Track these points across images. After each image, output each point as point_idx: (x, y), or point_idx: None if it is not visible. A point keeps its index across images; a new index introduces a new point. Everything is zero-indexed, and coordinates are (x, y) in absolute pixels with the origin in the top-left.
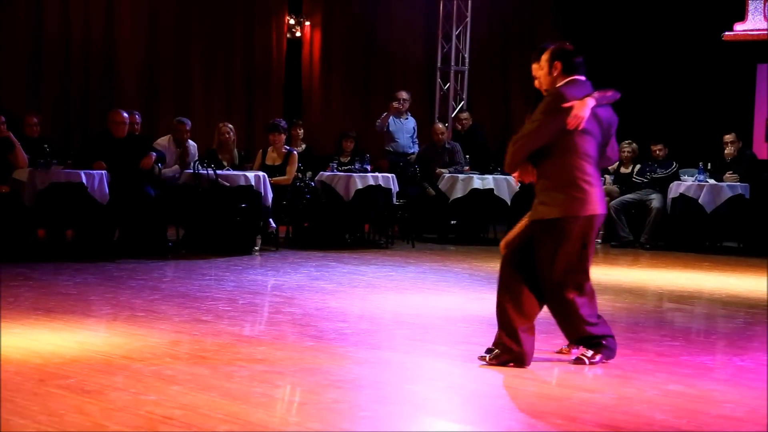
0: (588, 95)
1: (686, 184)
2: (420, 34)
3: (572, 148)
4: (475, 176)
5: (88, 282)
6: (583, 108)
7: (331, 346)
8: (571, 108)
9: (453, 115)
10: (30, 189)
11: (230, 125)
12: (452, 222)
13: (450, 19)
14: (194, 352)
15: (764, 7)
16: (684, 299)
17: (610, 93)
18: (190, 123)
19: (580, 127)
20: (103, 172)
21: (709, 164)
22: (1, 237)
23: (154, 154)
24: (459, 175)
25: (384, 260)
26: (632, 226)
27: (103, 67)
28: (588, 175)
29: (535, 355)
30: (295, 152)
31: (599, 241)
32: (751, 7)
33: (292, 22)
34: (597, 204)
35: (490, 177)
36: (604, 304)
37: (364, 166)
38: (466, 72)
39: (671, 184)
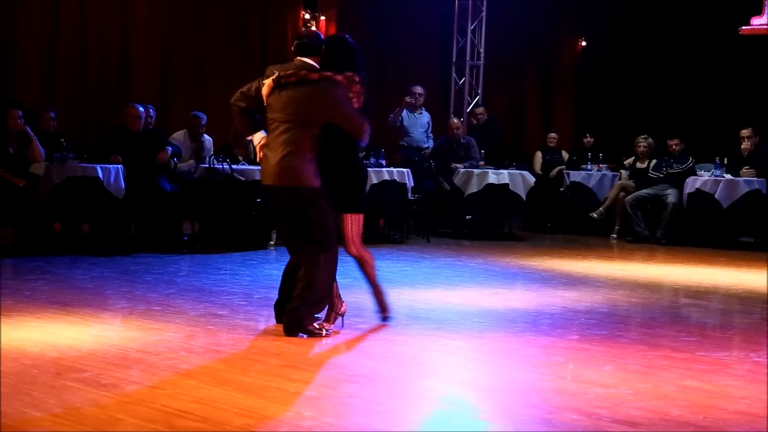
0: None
1: (702, 179)
2: (435, 29)
3: None
4: (490, 171)
5: (104, 276)
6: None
7: (346, 340)
8: None
9: (468, 110)
10: (46, 183)
11: None
12: (467, 217)
13: (465, 13)
14: (209, 346)
15: None
16: (700, 294)
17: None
18: (205, 117)
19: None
20: (119, 166)
21: (726, 159)
22: (17, 231)
23: (170, 148)
24: (474, 169)
25: (399, 255)
26: (648, 221)
27: (119, 62)
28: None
29: (549, 350)
30: None
31: (614, 236)
32: None
33: (307, 16)
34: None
35: (505, 172)
36: (619, 299)
37: (379, 160)
38: (482, 67)
39: (687, 179)
